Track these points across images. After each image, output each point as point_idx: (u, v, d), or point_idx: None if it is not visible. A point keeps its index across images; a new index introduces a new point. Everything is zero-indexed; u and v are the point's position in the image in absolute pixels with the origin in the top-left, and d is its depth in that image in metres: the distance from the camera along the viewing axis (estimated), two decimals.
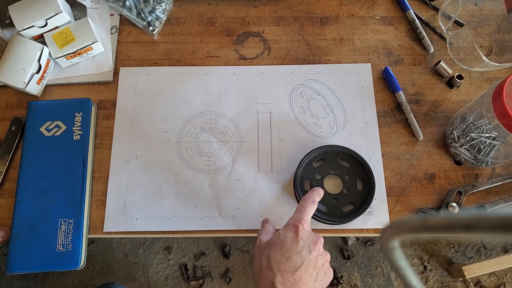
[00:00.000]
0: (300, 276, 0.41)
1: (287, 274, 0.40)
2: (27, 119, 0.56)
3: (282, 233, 0.44)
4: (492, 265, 1.14)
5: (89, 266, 1.21)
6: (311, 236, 0.44)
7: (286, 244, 0.42)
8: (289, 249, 0.42)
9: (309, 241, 0.43)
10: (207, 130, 0.58)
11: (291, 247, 0.42)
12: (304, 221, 0.45)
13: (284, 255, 0.42)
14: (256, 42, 0.64)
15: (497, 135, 0.49)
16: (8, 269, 0.49)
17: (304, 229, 0.44)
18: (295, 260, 0.41)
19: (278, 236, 0.44)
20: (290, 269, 0.41)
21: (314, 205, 0.47)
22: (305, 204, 0.47)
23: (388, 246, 0.22)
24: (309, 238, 0.43)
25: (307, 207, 0.47)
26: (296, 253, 0.42)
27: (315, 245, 0.43)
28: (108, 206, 0.54)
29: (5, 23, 0.62)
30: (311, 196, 0.48)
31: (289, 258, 0.41)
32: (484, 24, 0.66)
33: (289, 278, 0.40)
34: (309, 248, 0.42)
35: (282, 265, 0.41)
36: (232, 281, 1.20)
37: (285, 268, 0.41)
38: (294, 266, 0.41)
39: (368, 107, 0.59)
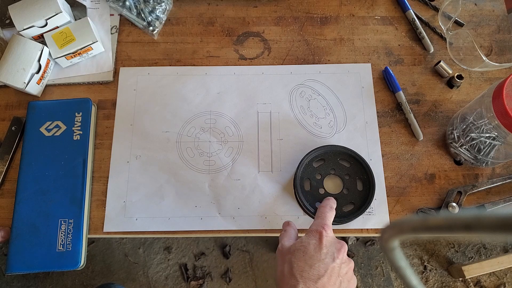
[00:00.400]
0: (323, 284, 0.40)
1: (310, 282, 0.40)
2: (27, 119, 0.56)
3: (305, 239, 0.43)
4: (492, 265, 1.14)
5: (89, 266, 1.21)
6: (334, 243, 0.43)
7: (309, 251, 0.42)
8: (312, 256, 0.41)
9: (332, 248, 0.42)
10: (207, 130, 0.58)
11: (314, 254, 0.41)
12: (328, 227, 0.44)
13: (307, 262, 0.41)
14: (256, 42, 0.64)
15: (497, 135, 0.49)
16: (8, 269, 0.49)
17: (328, 235, 0.43)
18: (318, 268, 0.41)
19: (301, 242, 0.43)
20: (313, 277, 0.40)
21: (332, 211, 0.47)
22: (324, 210, 0.46)
23: (388, 246, 0.22)
24: (332, 245, 0.43)
25: (327, 212, 0.46)
26: (319, 261, 0.41)
27: (338, 253, 0.42)
28: (108, 206, 0.54)
29: (5, 23, 0.62)
30: (328, 203, 0.47)
31: (312, 265, 0.41)
32: (484, 24, 0.66)
33: (311, 286, 0.40)
34: (333, 255, 0.42)
35: (305, 272, 0.40)
36: (232, 281, 1.20)
37: (308, 276, 0.40)
38: (317, 274, 0.40)
39: (368, 107, 0.59)
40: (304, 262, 0.41)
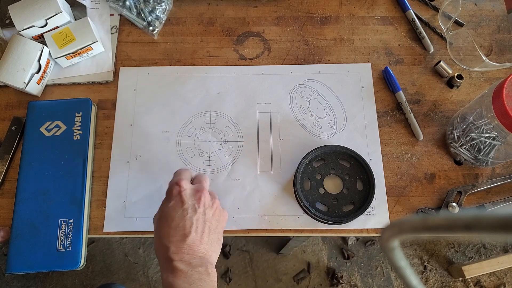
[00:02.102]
0: (192, 239, 0.42)
1: (179, 243, 0.41)
2: (27, 119, 0.56)
3: (164, 204, 0.45)
4: (492, 265, 1.14)
5: (89, 266, 1.21)
6: (192, 194, 0.44)
7: (170, 215, 0.43)
8: (174, 218, 0.42)
9: (192, 201, 0.43)
10: (207, 130, 0.58)
11: (175, 215, 0.43)
12: (182, 181, 0.44)
13: (171, 226, 0.42)
14: (256, 42, 0.64)
15: (497, 135, 0.49)
16: (8, 269, 0.49)
17: (185, 189, 0.44)
18: (182, 227, 0.42)
19: (162, 209, 0.44)
20: (180, 237, 0.42)
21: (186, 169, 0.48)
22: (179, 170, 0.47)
23: (388, 246, 0.22)
24: (191, 197, 0.44)
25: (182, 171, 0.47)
26: (182, 219, 0.42)
27: (199, 201, 0.44)
28: (108, 206, 0.54)
29: (5, 23, 0.62)
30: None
31: (176, 227, 0.42)
32: (484, 24, 0.66)
33: (181, 245, 0.41)
34: (194, 207, 0.43)
35: (172, 236, 0.42)
36: (232, 281, 1.20)
37: (175, 238, 0.42)
38: (183, 233, 0.42)
39: (368, 107, 0.59)
40: (169, 227, 0.42)
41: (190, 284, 0.40)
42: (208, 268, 0.42)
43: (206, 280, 0.41)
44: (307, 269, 1.22)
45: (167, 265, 0.41)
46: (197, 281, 0.41)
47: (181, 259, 0.41)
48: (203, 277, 0.41)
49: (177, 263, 0.41)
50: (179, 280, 0.40)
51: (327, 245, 1.26)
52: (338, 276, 1.22)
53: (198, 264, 0.42)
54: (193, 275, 0.41)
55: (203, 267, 0.42)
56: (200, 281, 0.41)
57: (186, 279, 0.40)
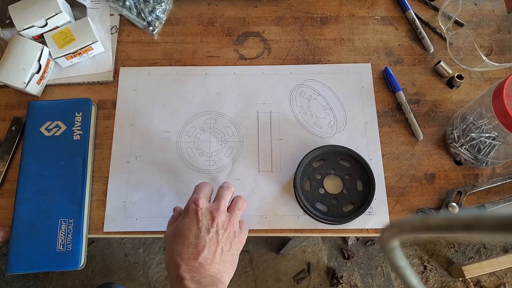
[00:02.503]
0: (204, 258, 0.41)
1: (191, 261, 0.41)
2: (27, 119, 0.56)
3: (180, 221, 0.44)
4: (492, 265, 1.14)
5: (89, 266, 1.21)
6: (207, 213, 0.44)
7: (184, 232, 0.43)
8: (187, 236, 0.42)
9: (207, 220, 0.43)
10: (207, 130, 0.58)
11: (189, 233, 0.42)
12: (199, 200, 0.44)
13: (185, 243, 0.42)
14: (256, 42, 0.64)
15: (497, 135, 0.49)
16: (8, 269, 0.49)
17: (201, 208, 0.44)
18: (195, 245, 0.42)
19: (177, 226, 0.44)
20: (192, 255, 0.41)
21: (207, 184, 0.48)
22: (200, 185, 0.47)
23: (388, 246, 0.22)
24: (205, 216, 0.44)
25: (202, 187, 0.47)
26: (196, 238, 0.42)
27: (213, 222, 0.43)
28: (108, 206, 0.54)
29: (5, 23, 0.62)
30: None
31: (190, 245, 0.42)
32: (484, 24, 0.66)
33: (193, 264, 0.41)
34: (208, 227, 0.43)
35: (184, 254, 0.41)
36: (232, 281, 1.20)
37: (188, 256, 0.41)
38: (195, 252, 0.41)
39: (368, 107, 0.59)
40: (182, 245, 0.42)
41: None
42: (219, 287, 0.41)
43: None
44: (307, 269, 1.22)
45: (178, 283, 0.41)
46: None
47: (192, 278, 0.40)
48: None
49: (188, 282, 0.40)
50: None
51: (327, 245, 1.26)
52: (338, 276, 1.22)
53: (208, 283, 0.41)
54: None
55: (214, 286, 0.41)
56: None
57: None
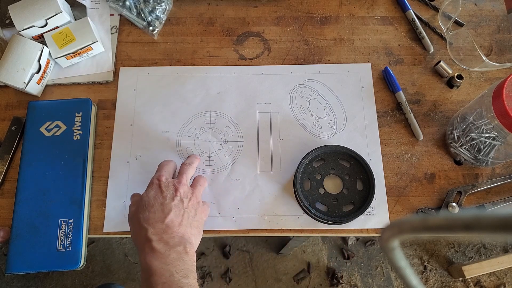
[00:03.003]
0: (171, 220, 0.44)
1: (158, 224, 0.44)
2: (27, 119, 0.56)
3: (144, 195, 0.47)
4: (492, 265, 1.14)
5: (89, 266, 1.21)
6: (171, 185, 0.47)
7: (150, 202, 0.46)
8: (153, 204, 0.45)
9: (170, 191, 0.47)
10: (207, 130, 0.58)
11: (155, 202, 0.45)
12: (162, 176, 0.48)
13: (151, 210, 0.45)
14: (256, 42, 0.64)
15: (497, 135, 0.49)
16: (8, 269, 0.49)
17: (163, 182, 0.47)
18: (161, 211, 0.45)
19: (141, 199, 0.46)
20: (159, 219, 0.44)
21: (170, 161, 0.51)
22: (162, 164, 0.51)
23: (388, 246, 0.22)
24: (169, 188, 0.47)
25: (164, 165, 0.50)
26: (161, 205, 0.45)
27: (176, 191, 0.47)
28: (108, 206, 0.54)
29: (5, 23, 0.62)
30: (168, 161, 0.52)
31: (156, 211, 0.45)
32: (484, 24, 0.66)
33: (160, 226, 0.43)
34: (172, 196, 0.46)
35: (151, 219, 0.44)
36: (232, 281, 1.20)
37: (154, 220, 0.44)
38: (162, 215, 0.44)
39: (368, 107, 0.59)
40: (148, 212, 0.45)
41: (167, 265, 0.41)
42: (187, 247, 0.43)
43: (185, 259, 0.42)
44: (307, 269, 1.22)
45: (145, 246, 0.43)
46: (175, 260, 0.41)
47: (160, 239, 0.43)
48: (181, 256, 0.42)
49: (155, 243, 0.42)
50: (157, 261, 0.41)
51: (327, 245, 1.26)
52: (338, 276, 1.22)
53: (176, 243, 0.43)
54: (171, 255, 0.42)
55: (182, 246, 0.43)
56: (178, 261, 0.42)
57: (164, 259, 0.41)
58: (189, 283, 0.41)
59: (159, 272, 0.40)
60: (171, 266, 0.41)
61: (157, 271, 0.41)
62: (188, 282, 0.41)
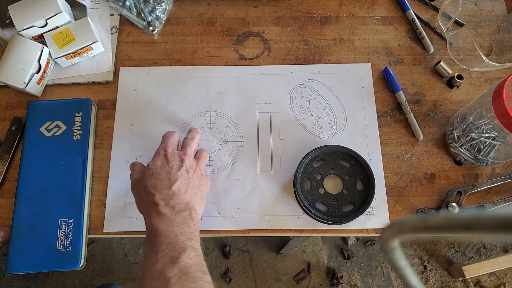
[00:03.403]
0: (178, 187, 0.46)
1: (165, 190, 0.45)
2: (27, 119, 0.56)
3: (150, 164, 0.48)
4: (492, 265, 1.14)
5: (89, 266, 1.21)
6: (177, 156, 0.49)
7: (157, 170, 0.47)
8: (160, 172, 0.47)
9: (176, 161, 0.48)
10: (207, 130, 0.58)
11: (161, 171, 0.47)
12: (168, 147, 0.49)
13: (158, 178, 0.46)
14: (256, 42, 0.64)
15: (497, 135, 0.49)
16: (8, 269, 0.49)
17: (169, 153, 0.49)
18: (168, 178, 0.46)
19: (148, 167, 0.48)
20: (166, 186, 0.46)
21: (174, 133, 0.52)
22: (166, 135, 0.51)
23: (388, 246, 0.22)
24: (175, 158, 0.48)
25: (169, 137, 0.51)
26: (168, 173, 0.47)
27: (182, 162, 0.48)
28: (108, 206, 0.54)
29: (5, 23, 0.62)
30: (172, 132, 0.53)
31: (163, 178, 0.46)
32: (484, 24, 0.66)
33: (167, 192, 0.45)
34: (178, 166, 0.48)
35: (158, 186, 0.46)
36: (232, 281, 1.20)
37: (161, 187, 0.46)
38: (169, 183, 0.46)
39: (368, 107, 0.59)
40: (155, 179, 0.46)
41: (173, 227, 0.43)
42: (192, 213, 0.45)
43: (189, 224, 0.44)
44: (307, 269, 1.22)
45: (152, 210, 0.44)
46: (180, 224, 0.43)
47: (167, 204, 0.44)
48: (186, 221, 0.44)
49: (162, 207, 0.44)
50: (163, 223, 0.43)
51: (327, 245, 1.26)
52: (338, 276, 1.22)
53: (182, 209, 0.45)
54: (177, 219, 0.43)
55: (187, 211, 0.45)
56: (182, 224, 0.43)
57: (170, 222, 0.43)
58: (193, 245, 0.42)
59: (164, 234, 0.42)
60: (176, 229, 0.43)
61: (163, 232, 0.42)
62: (192, 244, 0.42)
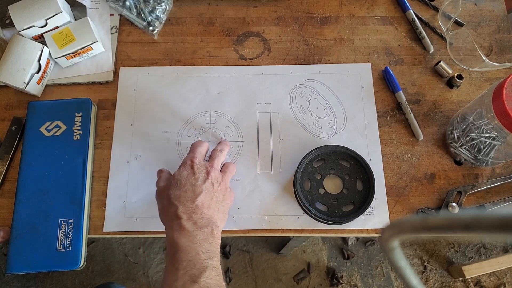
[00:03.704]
0: (201, 201, 0.45)
1: (188, 203, 0.45)
2: (27, 119, 0.56)
3: (176, 173, 0.48)
4: (492, 265, 1.14)
5: (89, 266, 1.21)
6: (203, 168, 0.48)
7: (182, 181, 0.46)
8: (185, 184, 0.46)
9: (202, 173, 0.47)
10: (207, 130, 0.58)
11: (186, 182, 0.46)
12: (195, 158, 0.49)
13: (182, 189, 0.46)
14: (256, 42, 0.64)
15: (497, 135, 0.49)
16: (8, 269, 0.49)
17: (196, 164, 0.48)
18: (192, 191, 0.46)
19: (174, 177, 0.47)
20: (190, 198, 0.45)
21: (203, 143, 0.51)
22: (195, 144, 0.51)
23: (388, 246, 0.22)
24: (201, 170, 0.48)
25: (197, 147, 0.50)
26: (193, 185, 0.46)
27: (208, 175, 0.48)
28: (108, 206, 0.54)
29: (5, 23, 0.62)
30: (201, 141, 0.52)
31: (187, 190, 0.46)
32: (484, 24, 0.66)
33: (190, 205, 0.44)
34: (204, 178, 0.47)
35: (182, 197, 0.45)
36: (232, 281, 1.20)
37: (185, 199, 0.45)
38: (193, 196, 0.45)
39: (368, 107, 0.59)
40: (180, 190, 0.46)
41: (194, 243, 0.42)
42: (214, 230, 0.44)
43: (211, 241, 0.43)
44: (307, 269, 1.22)
45: (174, 223, 0.44)
46: (202, 241, 0.43)
47: (189, 218, 0.43)
48: (207, 238, 0.43)
49: (184, 221, 0.43)
50: (184, 239, 0.42)
51: (327, 245, 1.26)
52: (338, 276, 1.22)
53: (204, 224, 0.44)
54: (198, 235, 0.43)
55: (209, 227, 0.44)
56: (204, 241, 0.43)
57: (191, 238, 0.42)
58: (213, 264, 0.42)
59: (186, 250, 0.42)
60: (198, 246, 0.42)
61: (184, 248, 0.42)
62: (212, 263, 0.42)
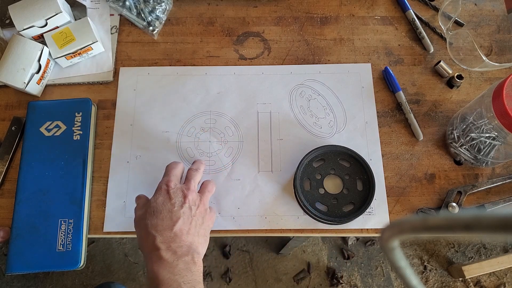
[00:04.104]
0: (179, 228, 0.44)
1: (166, 232, 0.43)
2: (27, 119, 0.56)
3: (152, 200, 0.46)
4: (492, 265, 1.14)
5: (89, 266, 1.21)
6: (179, 192, 0.47)
7: (158, 208, 0.45)
8: (161, 211, 0.45)
9: (179, 198, 0.46)
10: (207, 130, 0.58)
11: (163, 209, 0.45)
12: (170, 181, 0.47)
13: (159, 217, 0.44)
14: (256, 42, 0.64)
15: (497, 135, 0.49)
16: (8, 269, 0.49)
17: (172, 188, 0.46)
18: (170, 218, 0.44)
19: (149, 204, 0.46)
20: (167, 227, 0.43)
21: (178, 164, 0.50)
22: (170, 167, 0.49)
23: (388, 246, 0.22)
24: (178, 194, 0.46)
25: (172, 169, 0.49)
26: (170, 212, 0.44)
27: (185, 199, 0.46)
28: (108, 206, 0.54)
29: (5, 23, 0.62)
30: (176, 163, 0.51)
31: (164, 218, 0.44)
32: (484, 24, 0.66)
33: (168, 234, 0.43)
34: (181, 203, 0.45)
35: (159, 226, 0.43)
36: (232, 281, 1.20)
37: (162, 227, 0.43)
38: (171, 223, 0.44)
39: (368, 107, 0.59)
40: (157, 219, 0.44)
41: (175, 275, 0.40)
42: (195, 257, 0.43)
43: (192, 270, 0.42)
44: (307, 269, 1.22)
45: (153, 254, 0.42)
46: (183, 271, 0.41)
47: (168, 247, 0.42)
48: (189, 267, 0.42)
49: (163, 252, 0.41)
50: (165, 271, 0.40)
51: (327, 245, 1.26)
52: (338, 276, 1.22)
53: (184, 253, 0.42)
54: (179, 265, 0.41)
55: (190, 255, 0.43)
56: (185, 271, 0.41)
57: (171, 269, 0.41)
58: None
59: (167, 283, 0.40)
60: (179, 277, 0.40)
61: (164, 281, 0.40)
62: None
